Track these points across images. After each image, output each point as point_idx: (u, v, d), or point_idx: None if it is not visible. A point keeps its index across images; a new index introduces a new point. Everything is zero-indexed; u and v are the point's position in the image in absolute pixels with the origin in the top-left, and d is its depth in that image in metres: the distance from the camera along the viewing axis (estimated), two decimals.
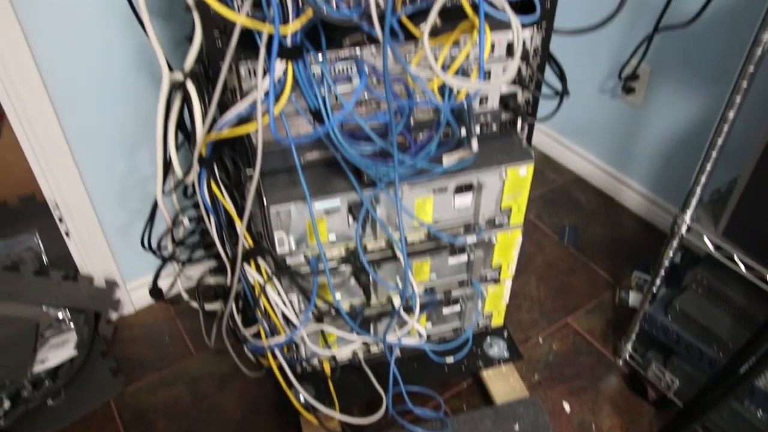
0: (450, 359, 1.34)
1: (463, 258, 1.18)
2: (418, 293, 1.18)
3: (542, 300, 1.68)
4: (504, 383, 1.40)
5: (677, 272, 1.40)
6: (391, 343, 1.19)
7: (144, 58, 1.29)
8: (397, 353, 1.22)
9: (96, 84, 1.29)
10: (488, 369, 1.41)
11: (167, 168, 1.07)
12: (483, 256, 1.18)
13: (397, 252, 1.07)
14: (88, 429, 1.40)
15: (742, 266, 1.14)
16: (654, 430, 1.39)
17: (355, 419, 1.23)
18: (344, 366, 1.31)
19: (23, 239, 1.52)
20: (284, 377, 1.17)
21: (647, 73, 1.72)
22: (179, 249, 1.20)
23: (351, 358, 1.32)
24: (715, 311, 1.28)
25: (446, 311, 1.30)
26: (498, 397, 1.37)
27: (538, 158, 2.19)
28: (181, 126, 1.04)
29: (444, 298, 1.25)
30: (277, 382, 1.18)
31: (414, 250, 1.13)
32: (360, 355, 1.31)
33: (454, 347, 1.30)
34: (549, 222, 1.92)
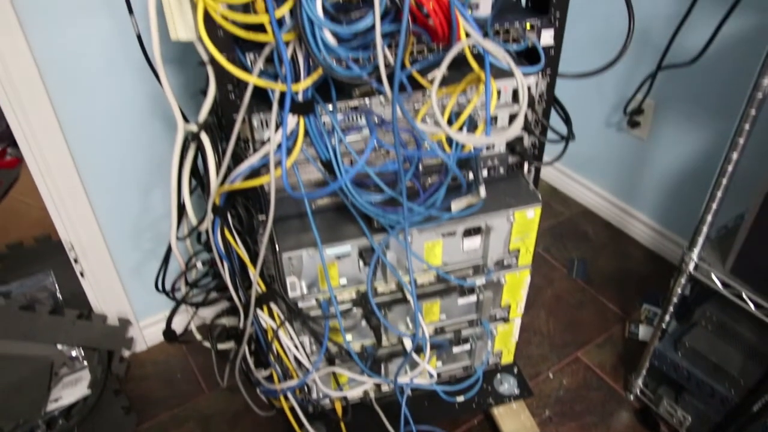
0: (461, 398, 1.34)
1: (473, 298, 1.19)
2: (429, 334, 1.19)
3: (552, 334, 1.68)
4: (515, 420, 1.39)
5: (687, 304, 1.40)
6: (402, 385, 1.20)
7: (158, 104, 1.32)
8: (408, 393, 1.23)
9: (111, 128, 1.32)
10: (499, 406, 1.41)
11: (181, 213, 1.09)
12: (492, 297, 1.19)
13: (407, 295, 1.09)
14: None
15: (752, 305, 1.15)
16: None
17: None
18: (355, 405, 1.32)
19: (39, 279, 1.54)
20: (296, 418, 1.18)
21: (652, 108, 1.74)
22: (192, 291, 1.22)
23: (362, 397, 1.33)
24: (726, 348, 1.28)
25: (456, 350, 1.30)
26: None
27: (546, 190, 2.21)
28: (195, 172, 1.06)
29: (454, 338, 1.26)
30: (289, 422, 1.19)
31: (424, 292, 1.14)
32: (371, 395, 1.32)
33: (465, 387, 1.30)
34: (557, 255, 1.93)
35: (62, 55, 1.19)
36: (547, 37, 0.99)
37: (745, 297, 1.16)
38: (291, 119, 0.84)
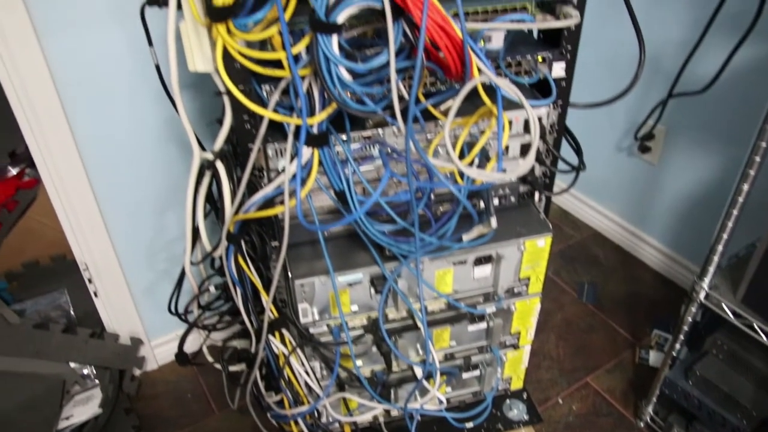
0: (470, 424, 1.34)
1: (483, 325, 1.20)
2: (438, 360, 1.20)
3: (561, 359, 1.68)
4: None
5: (698, 331, 1.40)
6: (412, 411, 1.20)
7: (174, 129, 1.35)
8: (418, 418, 1.23)
9: (127, 151, 1.34)
10: None
11: (195, 238, 1.10)
12: (502, 324, 1.20)
13: (418, 322, 1.10)
14: None
15: (764, 336, 1.14)
16: None
17: None
18: (364, 429, 1.32)
19: (54, 297, 1.56)
20: None
21: (663, 133, 1.74)
22: (204, 314, 1.23)
23: (371, 422, 1.33)
24: (738, 378, 1.27)
25: (466, 376, 1.30)
26: None
27: (556, 213, 2.21)
28: (209, 197, 1.08)
29: (464, 364, 1.26)
30: None
31: (434, 319, 1.15)
32: (380, 419, 1.32)
33: (475, 414, 1.30)
34: (568, 279, 1.93)
35: (81, 79, 1.22)
36: (559, 70, 1.01)
37: (757, 327, 1.15)
38: (306, 151, 0.86)
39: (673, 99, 1.61)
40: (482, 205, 1.09)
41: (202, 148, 1.00)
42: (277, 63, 0.80)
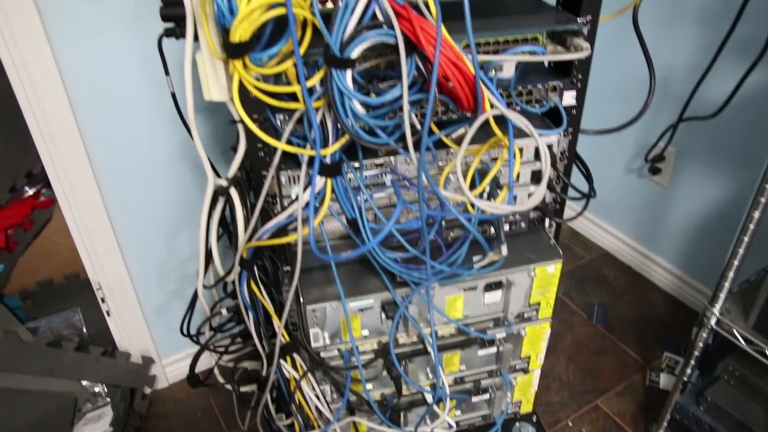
0: None
1: (493, 350, 1.20)
2: (448, 384, 1.20)
3: (571, 381, 1.67)
4: None
5: (710, 354, 1.39)
6: None
7: (188, 151, 1.36)
8: None
9: (142, 172, 1.36)
10: None
11: (208, 261, 1.12)
12: (512, 348, 1.20)
13: (428, 347, 1.10)
14: None
15: None
16: None
17: None
18: None
19: (67, 315, 1.58)
20: None
21: (673, 155, 1.74)
22: (216, 336, 1.24)
23: None
24: (749, 404, 1.27)
25: (475, 399, 1.30)
26: None
27: (566, 233, 2.21)
28: (222, 220, 1.09)
29: (473, 388, 1.26)
30: None
31: (444, 344, 1.15)
32: None
33: None
34: (577, 300, 1.93)
35: (97, 101, 1.24)
36: (569, 98, 1.02)
37: None
38: (319, 180, 0.87)
39: (684, 123, 1.62)
40: (492, 231, 1.10)
41: (217, 175, 1.01)
42: (292, 95, 0.81)
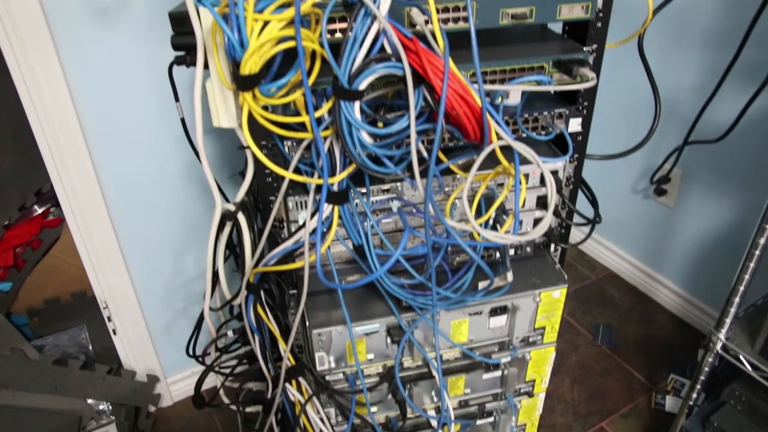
0: None
1: (497, 374, 1.20)
2: (453, 407, 1.20)
3: (576, 403, 1.67)
4: None
5: (716, 376, 1.39)
6: None
7: (195, 172, 1.37)
8: None
9: (149, 193, 1.37)
10: None
11: (215, 283, 1.12)
12: (517, 372, 1.20)
13: (433, 371, 1.10)
14: None
15: None
16: None
17: None
18: None
19: (73, 333, 1.59)
20: None
21: (679, 177, 1.75)
22: (222, 357, 1.25)
23: None
24: (756, 430, 1.26)
25: (480, 422, 1.30)
26: None
27: (572, 253, 2.21)
28: (229, 242, 1.10)
29: (478, 411, 1.26)
30: None
31: (449, 368, 1.15)
32: None
33: None
34: (583, 320, 1.92)
35: (107, 122, 1.25)
36: (575, 125, 1.02)
37: None
38: (326, 207, 0.87)
39: (689, 146, 1.62)
40: (498, 255, 1.11)
41: (225, 198, 1.02)
42: (300, 123, 0.82)
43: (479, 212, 0.98)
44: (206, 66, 0.83)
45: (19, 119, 1.23)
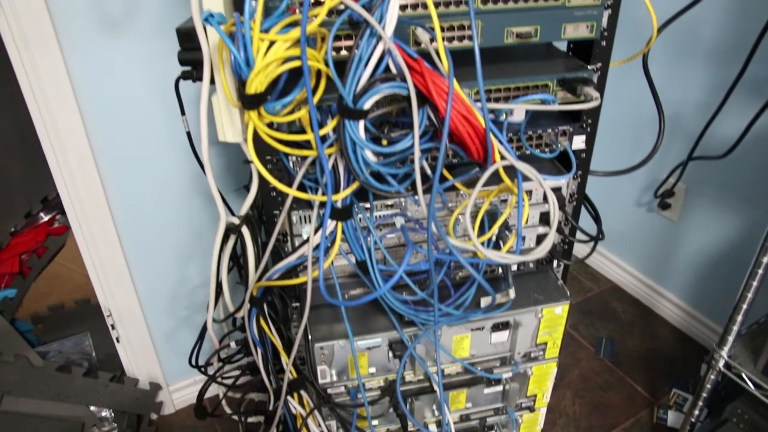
0: None
1: (499, 388, 1.20)
2: (453, 421, 1.20)
3: (578, 416, 1.67)
4: None
5: (718, 392, 1.38)
6: None
7: (199, 182, 1.38)
8: None
9: (154, 202, 1.38)
10: None
11: (218, 295, 1.13)
12: (518, 387, 1.20)
13: (435, 386, 1.10)
14: None
15: None
16: None
17: None
18: None
19: (77, 340, 1.59)
20: None
21: (683, 191, 1.75)
22: (224, 368, 1.25)
23: None
24: None
25: None
26: None
27: (575, 266, 2.21)
28: (233, 254, 1.10)
29: (479, 425, 1.26)
30: None
31: (451, 382, 1.15)
32: None
33: None
34: (585, 333, 1.92)
35: (112, 131, 1.26)
36: (579, 142, 1.03)
37: None
38: (330, 223, 0.88)
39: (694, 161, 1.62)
40: (501, 270, 1.11)
41: (229, 210, 1.03)
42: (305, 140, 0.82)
43: (483, 227, 0.98)
44: (212, 81, 0.84)
45: (27, 126, 1.23)
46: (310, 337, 1.03)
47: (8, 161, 1.47)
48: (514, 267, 1.13)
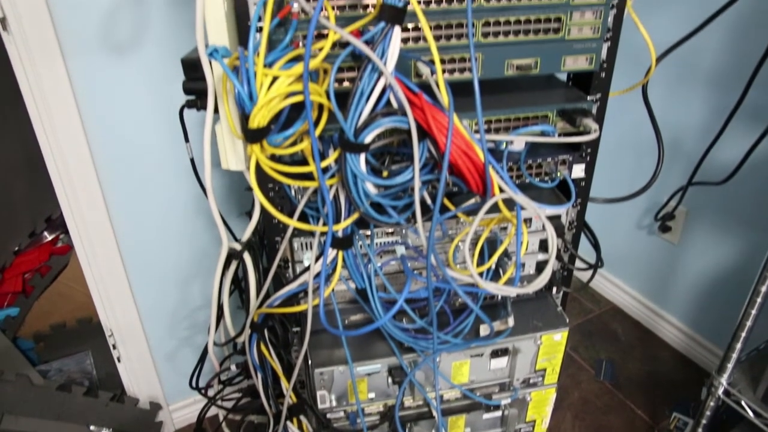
0: None
1: (498, 414, 1.20)
2: None
3: None
4: None
5: (719, 416, 1.38)
6: None
7: (201, 204, 1.39)
8: None
9: (157, 223, 1.38)
10: None
11: (219, 317, 1.13)
12: (517, 413, 1.20)
13: (433, 411, 1.11)
14: None
15: None
16: None
17: None
18: None
19: (79, 358, 1.60)
20: None
21: (684, 214, 1.75)
22: (225, 390, 1.26)
23: None
24: None
25: None
26: None
27: (576, 286, 2.21)
28: (235, 278, 1.11)
29: None
30: None
31: (450, 407, 1.16)
32: None
33: None
34: (585, 355, 1.92)
35: (117, 153, 1.27)
36: (579, 171, 1.04)
37: None
38: (330, 251, 0.89)
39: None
40: (500, 297, 1.11)
41: (233, 236, 1.04)
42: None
43: (483, 255, 0.99)
44: (216, 110, 0.85)
45: (32, 146, 1.25)
46: (310, 362, 1.03)
47: (14, 180, 1.48)
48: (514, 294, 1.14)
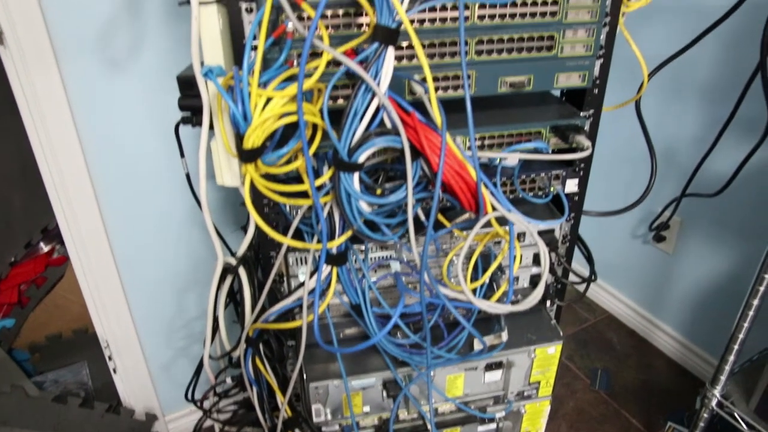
0: None
1: (492, 426, 1.21)
2: None
3: None
4: None
5: (714, 425, 1.38)
6: None
7: (197, 215, 1.39)
8: None
9: (152, 234, 1.39)
10: None
11: (215, 330, 1.14)
12: (512, 426, 1.21)
13: (428, 424, 1.11)
14: None
15: None
16: None
17: None
18: None
19: (74, 369, 1.60)
20: None
21: (678, 224, 1.76)
22: (220, 402, 1.26)
23: None
24: None
25: None
26: None
27: (571, 294, 2.21)
28: (230, 291, 1.11)
29: None
30: None
31: (444, 421, 1.16)
32: None
33: None
34: (581, 364, 1.93)
35: (112, 165, 1.27)
36: (572, 186, 1.04)
37: None
38: (325, 268, 0.89)
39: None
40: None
41: (229, 250, 1.04)
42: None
43: (477, 269, 1.00)
44: (211, 127, 0.85)
45: (28, 156, 1.25)
46: (305, 377, 1.04)
47: (11, 191, 1.48)
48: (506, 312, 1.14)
